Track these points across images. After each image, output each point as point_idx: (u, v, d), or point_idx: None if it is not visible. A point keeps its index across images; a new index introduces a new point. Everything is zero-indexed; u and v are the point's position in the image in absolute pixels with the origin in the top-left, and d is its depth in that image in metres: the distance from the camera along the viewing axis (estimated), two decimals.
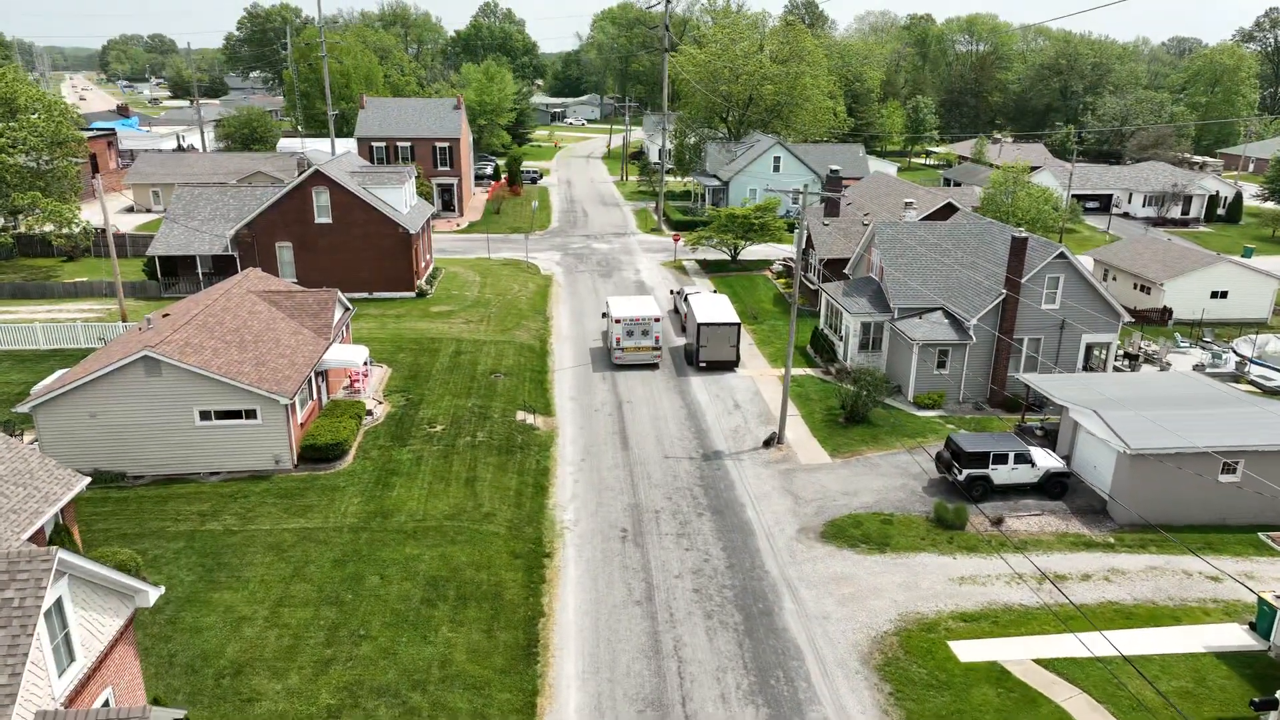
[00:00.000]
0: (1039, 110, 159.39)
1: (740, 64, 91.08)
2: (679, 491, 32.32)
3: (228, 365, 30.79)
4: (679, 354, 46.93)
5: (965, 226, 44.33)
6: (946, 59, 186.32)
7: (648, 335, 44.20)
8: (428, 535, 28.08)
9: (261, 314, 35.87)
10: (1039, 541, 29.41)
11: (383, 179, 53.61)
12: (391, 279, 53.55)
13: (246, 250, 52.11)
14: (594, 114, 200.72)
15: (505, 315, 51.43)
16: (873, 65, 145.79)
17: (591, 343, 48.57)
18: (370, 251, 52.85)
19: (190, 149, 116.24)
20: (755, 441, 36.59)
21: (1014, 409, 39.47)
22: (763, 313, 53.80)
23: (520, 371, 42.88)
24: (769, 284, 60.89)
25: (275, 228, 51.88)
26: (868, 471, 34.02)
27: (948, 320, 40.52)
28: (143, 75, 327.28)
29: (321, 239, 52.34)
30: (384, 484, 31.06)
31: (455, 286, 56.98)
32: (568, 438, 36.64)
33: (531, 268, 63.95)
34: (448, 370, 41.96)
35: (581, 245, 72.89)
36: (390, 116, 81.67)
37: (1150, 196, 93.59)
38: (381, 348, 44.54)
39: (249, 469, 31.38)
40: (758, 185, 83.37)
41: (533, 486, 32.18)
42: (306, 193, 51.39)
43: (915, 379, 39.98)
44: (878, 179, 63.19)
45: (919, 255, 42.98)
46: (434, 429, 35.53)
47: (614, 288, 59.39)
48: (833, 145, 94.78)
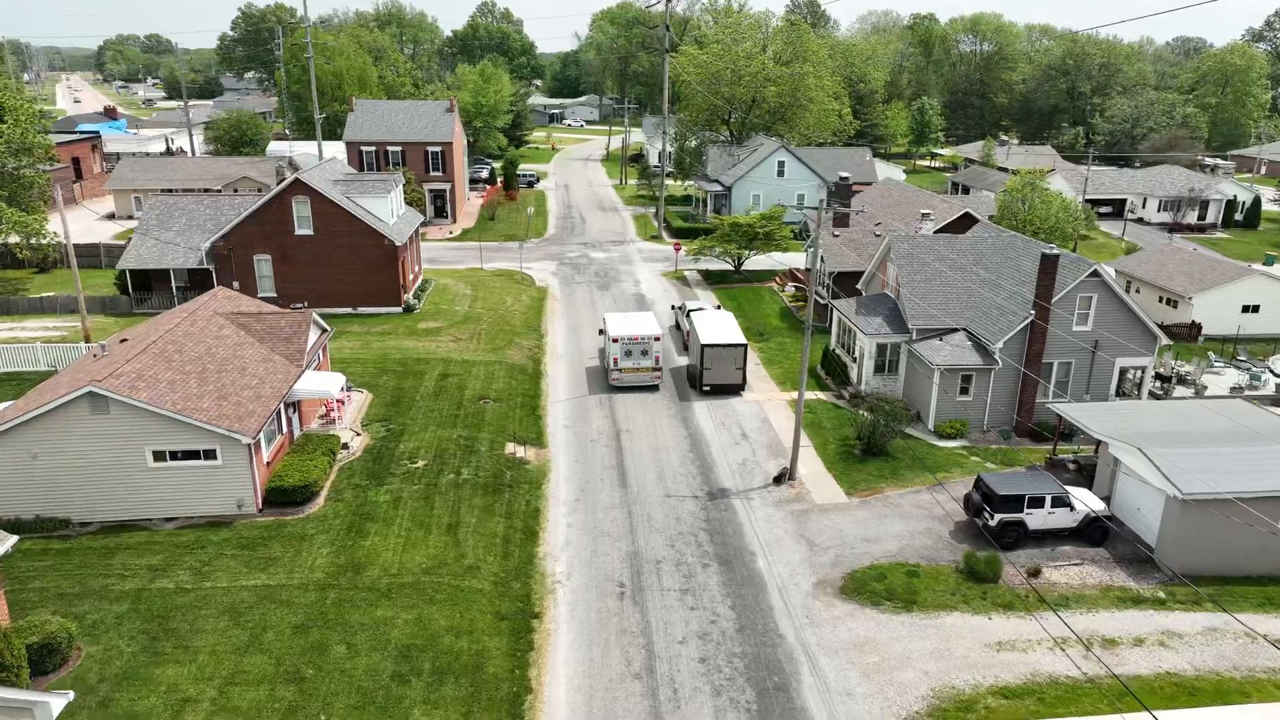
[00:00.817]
0: (1045, 111, 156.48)
1: (743, 65, 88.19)
2: (682, 537, 29.42)
3: (185, 400, 27.89)
4: (681, 375, 44.04)
5: (987, 241, 41.45)
6: (950, 59, 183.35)
7: (647, 355, 41.32)
8: (403, 593, 25.18)
9: (228, 339, 32.97)
10: (1081, 597, 26.52)
11: (367, 187, 50.70)
12: (377, 293, 50.64)
13: (223, 264, 49.20)
14: (593, 115, 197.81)
15: (497, 332, 48.53)
16: (876, 66, 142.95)
17: (588, 361, 45.70)
18: (354, 264, 49.94)
19: (179, 152, 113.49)
20: (765, 477, 33.70)
21: (1042, 439, 36.61)
22: (769, 329, 50.91)
23: (511, 396, 39.98)
24: (775, 296, 58.00)
25: (253, 240, 48.97)
26: (889, 513, 31.12)
27: (970, 343, 37.64)
28: (139, 76, 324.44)
29: (302, 251, 49.43)
30: (357, 531, 28.16)
31: (445, 300, 54.08)
32: (561, 473, 33.74)
33: (526, 279, 61.06)
34: (433, 395, 39.06)
35: (578, 254, 69.99)
36: (381, 119, 78.78)
37: (1166, 201, 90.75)
38: (363, 370, 41.65)
39: (208, 514, 28.48)
40: (761, 191, 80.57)
41: (522, 532, 29.28)
42: (286, 203, 48.48)
43: (936, 406, 37.10)
44: (888, 186, 60.36)
45: (938, 272, 40.10)
46: (415, 465, 32.62)
47: (612, 301, 56.50)
48: (838, 149, 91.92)
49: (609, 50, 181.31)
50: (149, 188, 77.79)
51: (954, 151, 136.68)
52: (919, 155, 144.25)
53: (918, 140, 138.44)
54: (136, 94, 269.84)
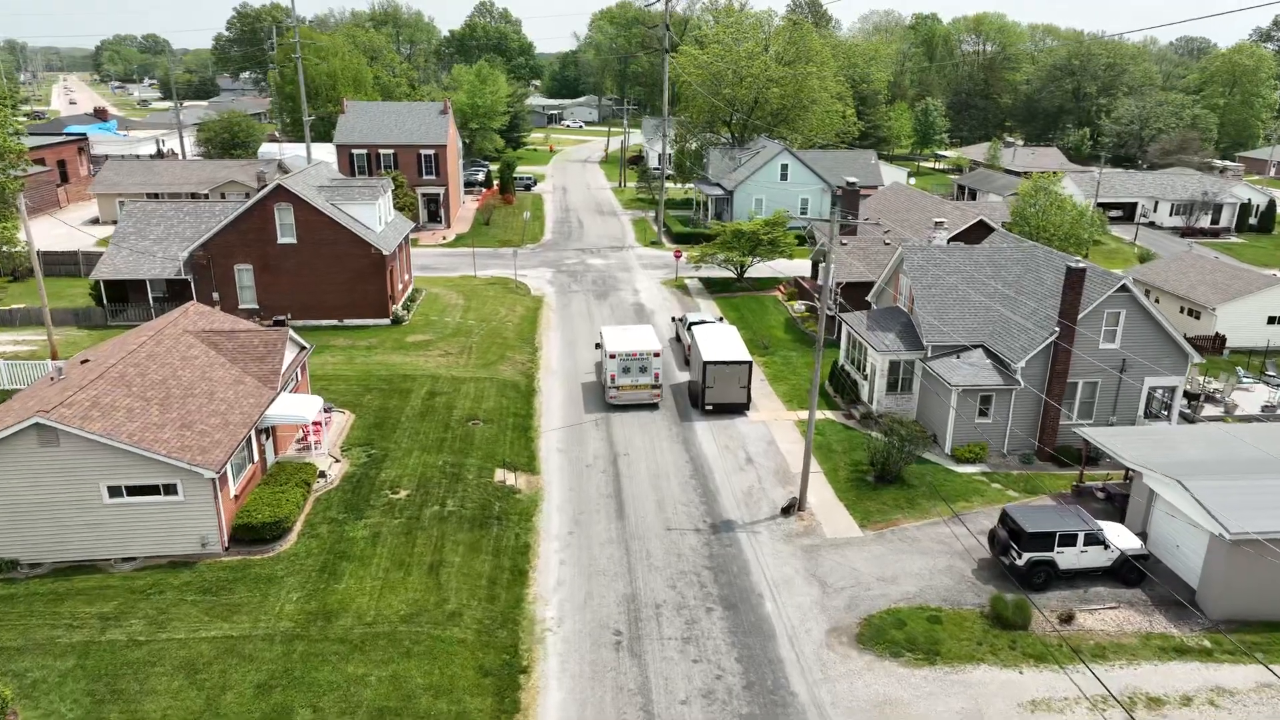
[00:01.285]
0: (1050, 113, 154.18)
1: (744, 66, 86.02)
2: (684, 577, 27.20)
3: (144, 430, 25.67)
4: (681, 392, 41.82)
5: (1006, 251, 39.23)
6: (953, 59, 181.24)
7: (646, 372, 39.09)
8: (377, 645, 22.95)
9: (197, 359, 30.75)
10: (1120, 647, 24.30)
11: (354, 194, 48.47)
12: (363, 305, 48.41)
13: (202, 274, 46.98)
14: (592, 116, 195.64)
15: (489, 346, 46.30)
16: (879, 66, 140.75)
17: (584, 376, 43.48)
18: (340, 275, 47.70)
19: (170, 154, 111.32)
20: (772, 507, 31.47)
21: (1066, 463, 34.39)
22: (774, 342, 48.67)
23: (502, 417, 37.75)
24: (779, 306, 55.77)
25: (234, 249, 46.75)
26: (906, 548, 28.90)
27: (989, 361, 35.42)
28: (135, 76, 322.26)
29: (285, 261, 47.20)
30: (331, 572, 25.93)
31: (435, 311, 51.85)
32: (554, 503, 31.51)
33: (520, 288, 58.84)
34: (419, 416, 36.83)
35: (576, 261, 67.77)
36: (372, 121, 76.56)
37: (1178, 205, 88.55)
38: (347, 388, 39.41)
39: (170, 554, 26.25)
40: (764, 195, 78.38)
41: (510, 571, 27.05)
42: (268, 210, 46.26)
43: (954, 429, 34.88)
44: (895, 191, 58.15)
45: (954, 285, 37.89)
46: (397, 495, 30.39)
47: (610, 311, 54.26)
48: (842, 151, 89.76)
49: (608, 50, 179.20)
50: (134, 192, 75.65)
51: (958, 153, 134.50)
52: (922, 157, 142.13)
53: (921, 142, 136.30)
54: (132, 95, 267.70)
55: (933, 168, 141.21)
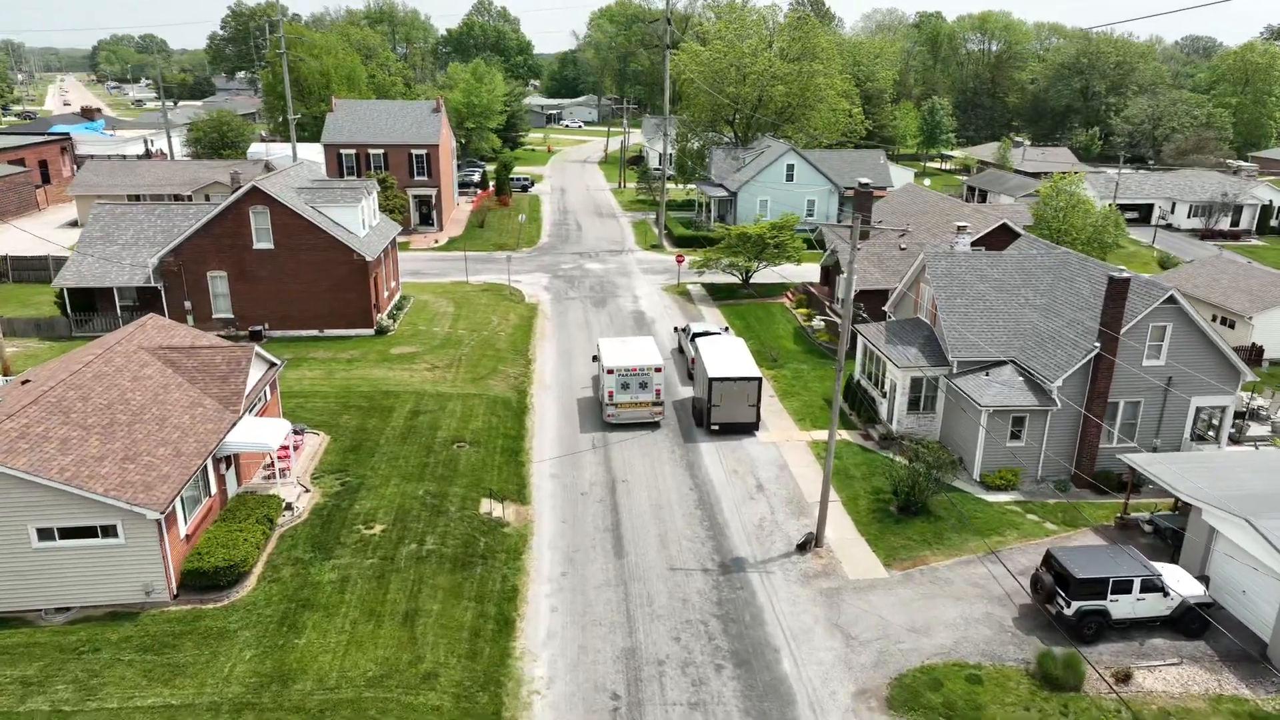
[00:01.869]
0: (1058, 112, 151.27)
1: (748, 63, 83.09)
2: (690, 627, 24.23)
3: (80, 464, 22.71)
4: (685, 409, 38.85)
5: (1036, 258, 36.26)
6: (958, 58, 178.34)
7: (647, 389, 36.13)
8: (339, 716, 19.98)
9: (151, 379, 27.79)
10: (1187, 711, 21.33)
11: (335, 195, 45.51)
12: (346, 314, 45.44)
13: (173, 281, 44.02)
14: (591, 116, 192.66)
15: (479, 358, 43.34)
16: (884, 64, 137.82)
17: (580, 391, 40.52)
18: (320, 282, 44.74)
19: (159, 155, 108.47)
20: (787, 542, 28.50)
21: (1105, 490, 31.43)
22: (783, 353, 45.69)
23: (491, 438, 34.77)
24: (787, 314, 52.79)
25: (207, 254, 43.79)
26: (937, 592, 25.93)
27: (1021, 379, 32.44)
28: (127, 77, 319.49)
29: (262, 268, 44.23)
30: (291, 624, 22.96)
31: (424, 320, 48.87)
32: (545, 538, 28.53)
33: (515, 294, 55.87)
34: (400, 438, 33.85)
35: (573, 265, 64.80)
36: (361, 120, 73.60)
37: (1196, 206, 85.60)
38: (323, 406, 36.44)
39: (109, 603, 23.28)
40: (769, 196, 75.45)
41: (494, 621, 24.08)
42: (243, 213, 43.30)
43: (983, 452, 31.91)
44: (909, 193, 55.24)
45: (981, 294, 34.91)
46: (371, 531, 27.42)
47: (609, 320, 51.28)
48: (849, 151, 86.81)
49: (608, 49, 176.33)
50: (114, 193, 72.65)
51: (965, 153, 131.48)
52: (928, 157, 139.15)
53: (928, 141, 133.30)
54: (128, 95, 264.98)
55: (939, 168, 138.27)
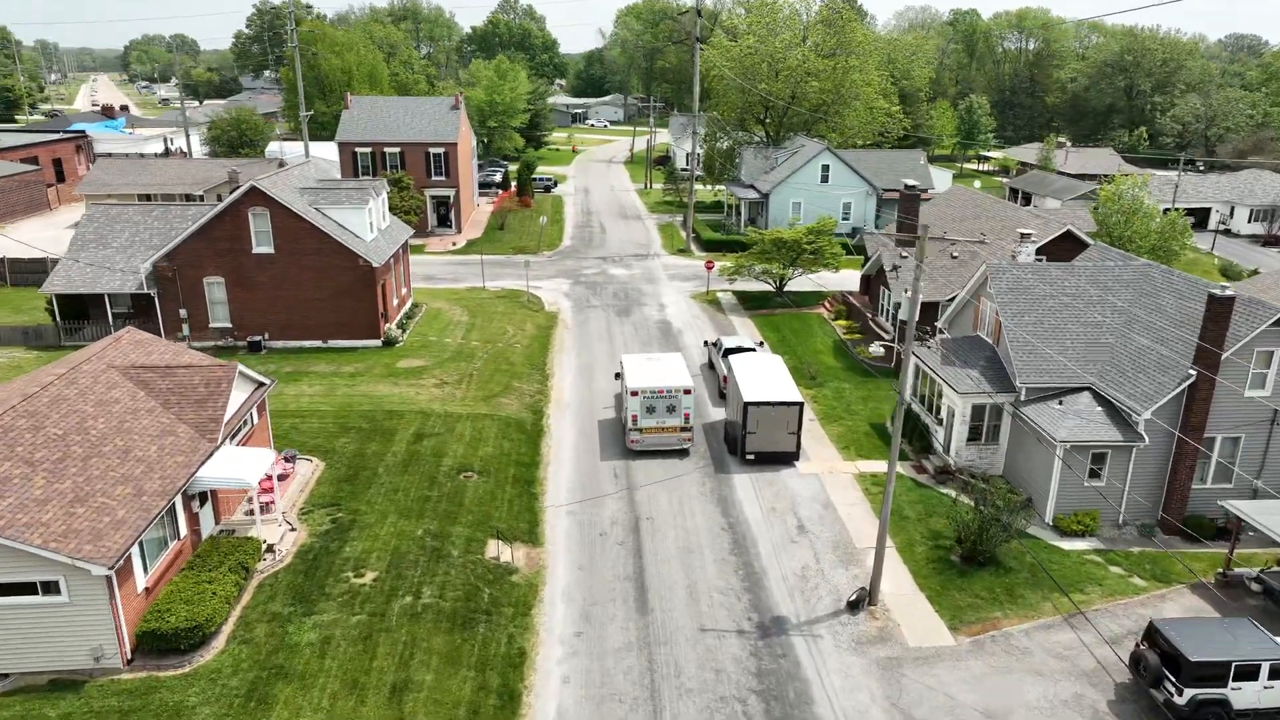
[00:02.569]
0: (1100, 111, 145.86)
1: (781, 58, 79.35)
2: (724, 705, 20.69)
3: (18, 509, 19.60)
4: (716, 433, 35.30)
5: (1112, 271, 32.31)
6: (994, 56, 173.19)
7: (675, 412, 32.62)
8: None
9: (118, 403, 24.71)
10: None
11: (341, 196, 42.42)
12: (351, 324, 42.34)
13: (167, 288, 41.14)
14: (617, 115, 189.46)
15: (493, 373, 40.05)
16: (920, 62, 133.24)
17: (602, 412, 37.09)
18: (324, 289, 41.68)
19: (178, 153, 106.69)
20: (835, 598, 24.87)
21: (1197, 538, 27.50)
22: (822, 370, 41.98)
23: (502, 466, 31.42)
24: (825, 326, 49.04)
25: (203, 259, 40.87)
26: (1014, 664, 22.19)
27: (1101, 408, 28.56)
28: (155, 76, 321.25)
29: (261, 273, 41.25)
30: (260, 698, 19.70)
31: (435, 330, 45.68)
32: (559, 587, 25.12)
33: (533, 302, 52.56)
34: (401, 466, 30.59)
35: (596, 271, 61.42)
36: (378, 118, 70.69)
37: (1258, 210, 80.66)
38: (320, 428, 33.29)
39: (53, 669, 20.15)
40: (802, 198, 71.59)
41: (497, 695, 20.68)
42: (241, 215, 40.33)
43: (1057, 493, 28.10)
44: (958, 196, 51.30)
45: (1052, 311, 31.06)
46: (361, 579, 24.14)
47: (633, 330, 47.82)
48: (886, 151, 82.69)
49: (634, 47, 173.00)
50: (124, 192, 70.34)
51: (1005, 154, 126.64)
52: (965, 158, 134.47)
53: (965, 142, 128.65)
54: (156, 93, 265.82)
55: (976, 169, 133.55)
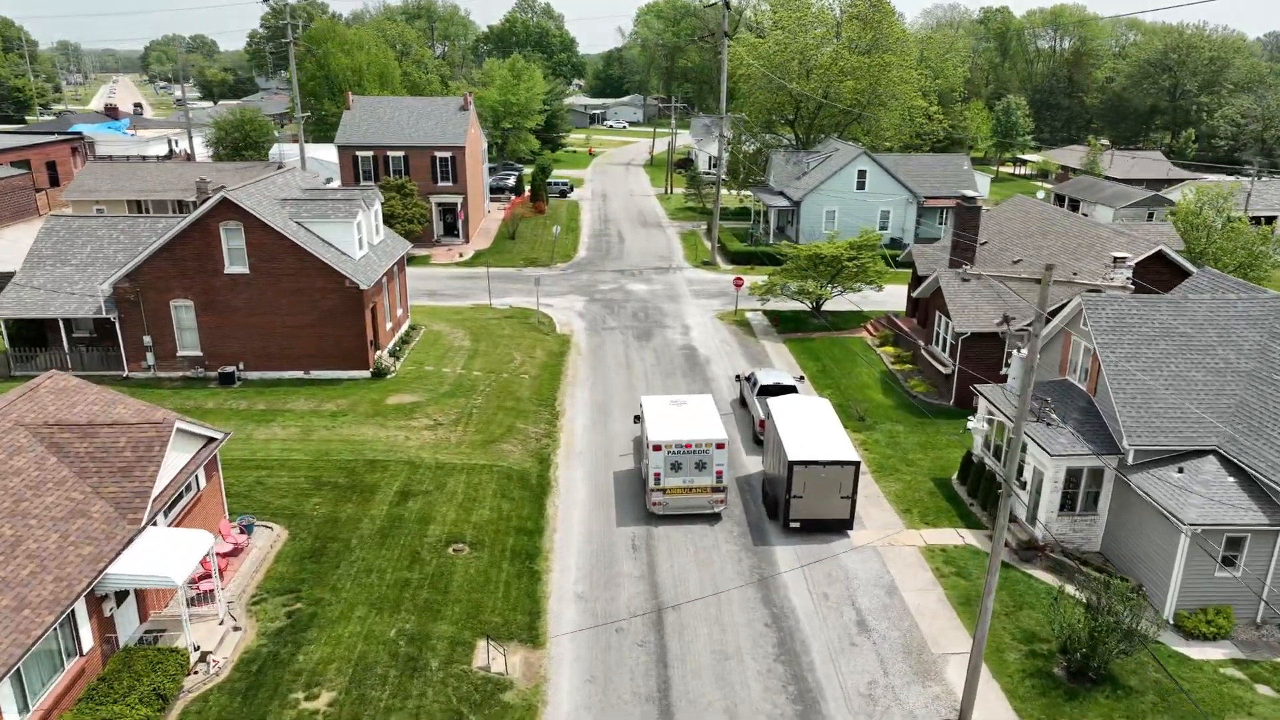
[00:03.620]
0: (1141, 113, 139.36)
1: (813, 54, 74.06)
2: None
3: None
4: (752, 490, 30.13)
5: (1235, 305, 26.84)
6: (1026, 55, 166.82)
7: (705, 470, 27.49)
8: None
9: (19, 475, 19.89)
10: None
11: (326, 209, 37.60)
12: (336, 353, 37.52)
13: (129, 312, 36.47)
14: (636, 116, 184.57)
15: (495, 411, 35.07)
16: (954, 61, 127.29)
17: (618, 460, 32.04)
18: (305, 314, 36.88)
19: (181, 155, 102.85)
20: None
21: None
22: (869, 407, 36.68)
23: (499, 535, 26.41)
24: (870, 353, 43.72)
25: (169, 279, 36.18)
26: None
27: (1233, 479, 23.17)
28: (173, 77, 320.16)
29: (235, 296, 36.50)
30: None
31: (433, 357, 40.79)
32: (562, 712, 20.03)
33: (544, 322, 47.58)
34: (379, 537, 25.66)
35: (613, 286, 56.38)
36: (380, 119, 66.03)
37: None
38: (289, 484, 28.43)
39: None
40: (837, 206, 66.30)
41: None
42: (211, 231, 35.60)
43: (1180, 585, 22.74)
44: (1020, 207, 45.80)
45: (1165, 354, 25.67)
46: (314, 702, 19.16)
47: (654, 358, 42.73)
48: (926, 156, 77.12)
49: (655, 46, 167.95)
50: (112, 198, 66.15)
51: (1044, 157, 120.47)
52: (1000, 161, 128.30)
53: (1001, 144, 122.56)
54: (173, 94, 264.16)
55: (1013, 173, 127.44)
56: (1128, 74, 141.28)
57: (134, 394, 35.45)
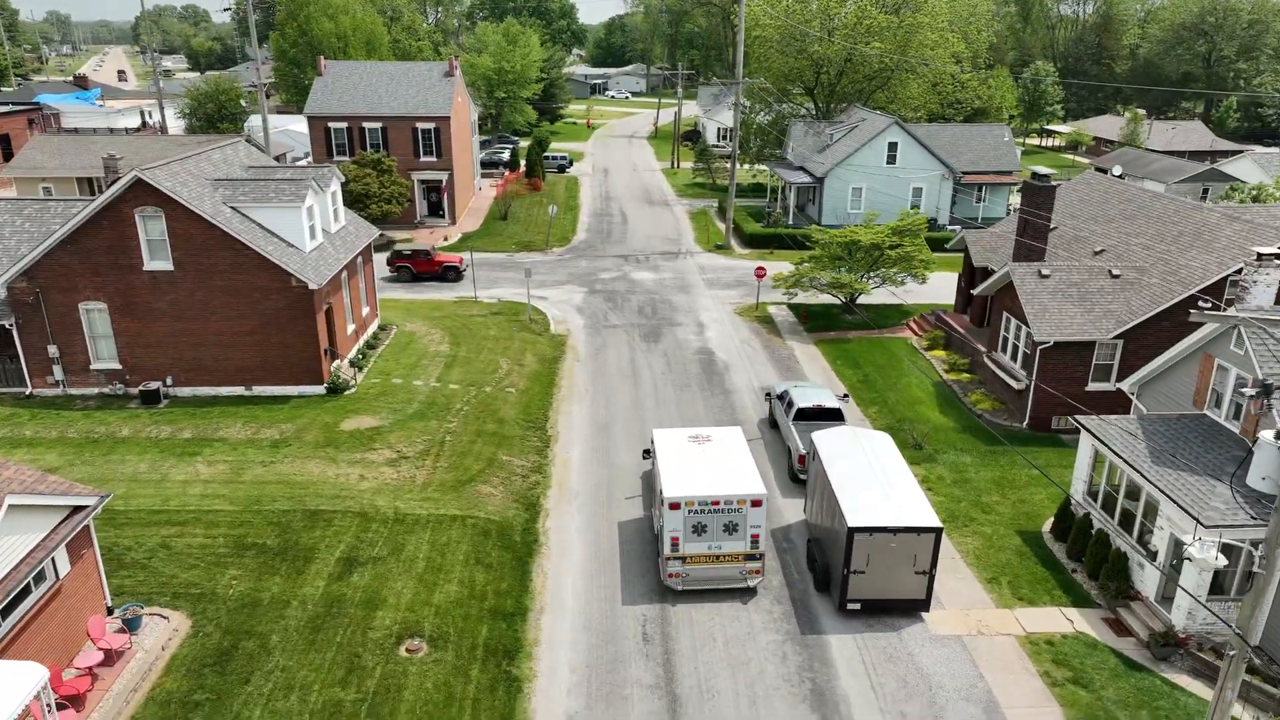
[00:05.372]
0: (1174, 80, 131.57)
1: (836, 12, 66.97)
2: None
3: None
4: (790, 545, 23.90)
5: None
6: (1048, 20, 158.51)
7: (737, 533, 21.19)
8: None
9: None
10: None
11: (268, 192, 31.03)
12: (282, 364, 31.15)
13: (29, 316, 30.09)
14: (639, 86, 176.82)
15: (472, 439, 28.77)
16: (978, 25, 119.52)
17: (624, 505, 25.83)
18: (245, 319, 30.48)
19: (153, 129, 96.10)
20: None
21: None
22: (924, 429, 30.28)
23: (470, 621, 20.20)
24: (917, 358, 37.30)
25: (76, 278, 29.76)
26: None
27: None
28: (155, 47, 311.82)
29: (158, 298, 30.10)
30: None
31: (403, 366, 34.44)
32: None
33: (536, 320, 41.18)
34: (310, 630, 19.46)
35: (616, 275, 49.88)
36: (356, 86, 59.18)
37: None
38: (204, 547, 22.23)
39: None
40: (865, 183, 59.55)
41: None
42: (125, 218, 29.10)
43: None
44: (1096, 184, 39.09)
45: None
46: None
47: (664, 364, 36.38)
48: (963, 126, 70.01)
49: (658, 11, 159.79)
50: (60, 175, 59.83)
51: (1074, 127, 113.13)
52: (1028, 132, 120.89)
53: (1029, 115, 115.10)
54: (162, 64, 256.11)
55: (1040, 145, 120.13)
56: (1159, 39, 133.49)
57: (36, 415, 29.45)
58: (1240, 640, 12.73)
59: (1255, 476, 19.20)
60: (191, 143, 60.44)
